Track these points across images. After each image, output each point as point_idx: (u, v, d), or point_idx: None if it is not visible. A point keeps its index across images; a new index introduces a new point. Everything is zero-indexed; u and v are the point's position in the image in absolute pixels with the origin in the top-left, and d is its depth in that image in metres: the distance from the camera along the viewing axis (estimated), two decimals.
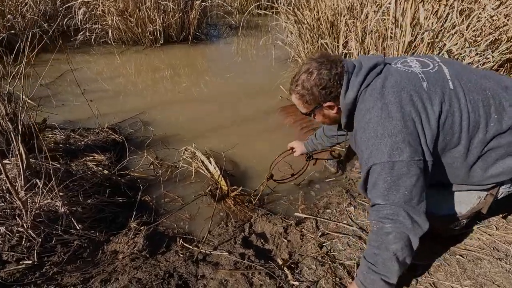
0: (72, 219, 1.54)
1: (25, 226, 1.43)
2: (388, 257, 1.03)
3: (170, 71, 4.16)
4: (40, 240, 1.42)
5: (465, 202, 1.21)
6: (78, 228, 1.53)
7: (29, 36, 1.88)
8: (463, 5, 2.32)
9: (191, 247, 1.55)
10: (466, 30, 2.28)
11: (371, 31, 2.70)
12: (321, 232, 1.56)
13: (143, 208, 1.88)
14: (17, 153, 1.52)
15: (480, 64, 2.25)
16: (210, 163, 2.11)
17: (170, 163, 2.26)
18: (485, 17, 2.29)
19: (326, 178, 2.15)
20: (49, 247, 1.44)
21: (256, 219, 1.76)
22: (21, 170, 1.52)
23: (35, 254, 1.37)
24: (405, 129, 1.03)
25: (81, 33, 4.88)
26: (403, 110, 1.05)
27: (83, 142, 2.37)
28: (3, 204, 1.54)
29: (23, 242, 1.41)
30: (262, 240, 1.61)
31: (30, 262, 1.34)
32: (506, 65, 2.51)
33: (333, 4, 3.18)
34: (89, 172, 2.03)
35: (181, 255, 1.46)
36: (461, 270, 1.20)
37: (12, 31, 4.23)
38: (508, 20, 2.23)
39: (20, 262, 1.34)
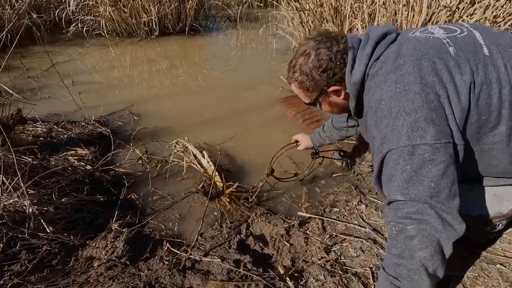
0: (42, 220, 1.33)
1: None
2: (414, 268, 0.80)
3: (165, 63, 3.96)
4: (1, 245, 1.22)
5: (507, 199, 1.00)
6: (48, 230, 1.33)
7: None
8: None
9: (179, 252, 1.34)
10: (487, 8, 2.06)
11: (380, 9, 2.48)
12: (328, 235, 1.35)
13: (128, 208, 1.68)
14: None
15: None
16: (203, 157, 1.90)
17: (160, 158, 2.05)
18: None
19: (332, 173, 1.94)
20: (11, 253, 1.23)
21: (254, 219, 1.55)
22: None
23: None
24: (427, 104, 0.81)
25: (73, 24, 4.69)
26: (423, 81, 0.83)
27: (65, 136, 2.17)
28: None
29: None
30: (260, 244, 1.41)
31: None
32: None
33: None
34: (69, 168, 1.83)
35: (166, 262, 1.25)
36: (506, 283, 0.99)
37: None
38: None
39: None
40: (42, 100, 2.90)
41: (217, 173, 1.78)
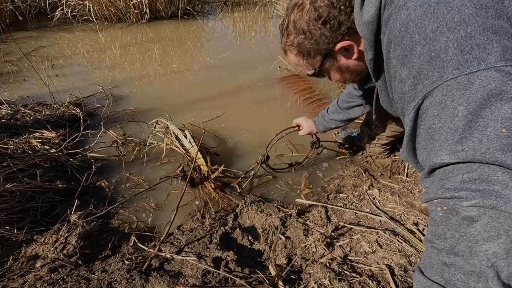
0: None
1: None
2: (476, 271, 0.48)
3: (156, 47, 3.66)
4: None
5: None
6: None
7: None
8: None
9: (146, 248, 1.08)
10: None
11: None
12: (334, 225, 1.08)
13: (95, 196, 1.42)
14: None
15: None
16: (186, 137, 1.62)
17: (138, 140, 1.78)
18: None
19: (336, 155, 1.67)
20: None
21: (243, 208, 1.28)
22: None
23: None
24: (483, 10, 0.51)
25: (59, 9, 4.42)
26: None
27: (31, 118, 1.91)
28: None
29: None
30: (250, 237, 1.14)
31: None
32: None
33: None
34: (29, 151, 1.56)
35: (127, 262, 0.98)
36: None
37: None
38: None
39: None
40: (16, 83, 2.65)
41: (200, 155, 1.51)
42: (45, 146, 1.65)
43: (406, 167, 1.45)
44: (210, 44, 3.79)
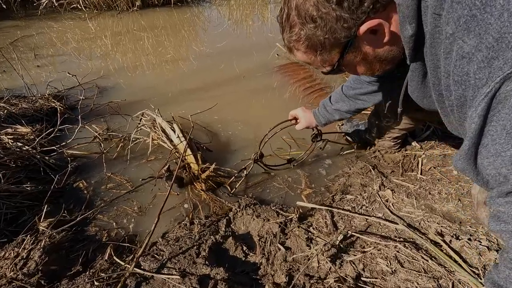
0: None
1: None
2: None
3: (148, 36, 3.46)
4: None
5: None
6: None
7: None
8: None
9: (123, 263, 0.92)
10: None
11: None
12: (342, 234, 0.92)
13: (72, 199, 1.27)
14: None
15: None
16: (174, 131, 1.46)
17: (122, 135, 1.61)
18: None
19: (340, 149, 1.50)
20: None
21: (237, 213, 1.13)
22: None
23: None
24: None
25: None
26: None
27: (5, 111, 1.73)
28: None
29: None
30: (244, 247, 0.98)
31: None
32: None
33: None
34: None
35: (97, 283, 0.83)
36: None
37: None
38: None
39: None
40: None
41: (190, 152, 1.34)
42: (18, 143, 1.48)
43: (420, 163, 1.29)
44: (206, 33, 3.59)
